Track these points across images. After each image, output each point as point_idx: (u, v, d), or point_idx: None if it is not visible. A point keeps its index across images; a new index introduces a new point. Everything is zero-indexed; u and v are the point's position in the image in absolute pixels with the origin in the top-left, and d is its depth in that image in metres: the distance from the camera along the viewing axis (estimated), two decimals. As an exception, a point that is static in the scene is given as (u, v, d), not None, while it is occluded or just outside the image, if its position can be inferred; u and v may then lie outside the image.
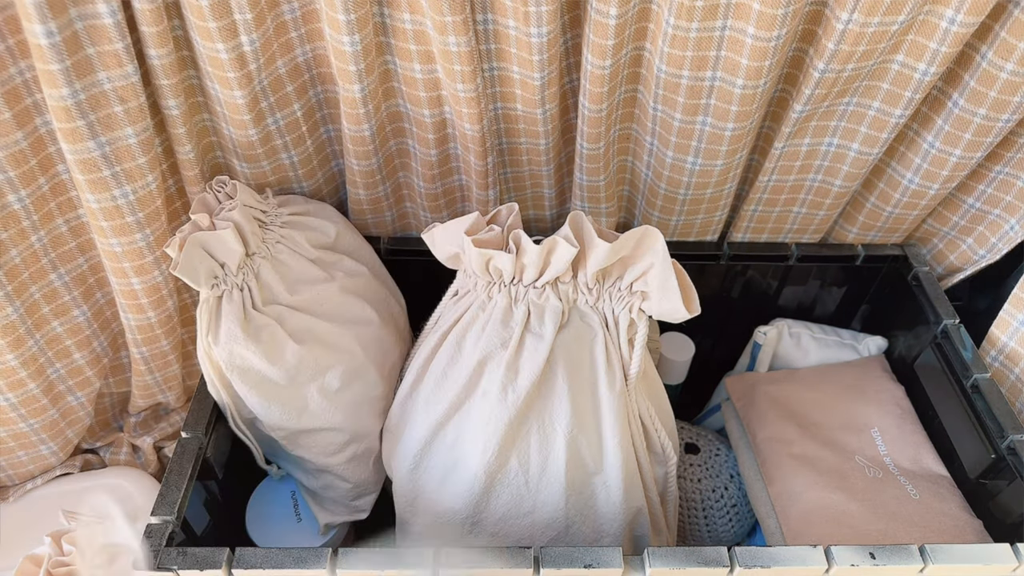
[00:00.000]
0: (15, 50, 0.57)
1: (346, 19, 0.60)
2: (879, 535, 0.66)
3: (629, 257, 0.61)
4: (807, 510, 0.69)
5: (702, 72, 0.66)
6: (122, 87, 0.58)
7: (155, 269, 0.68)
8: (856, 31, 0.60)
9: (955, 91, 0.68)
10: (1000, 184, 0.77)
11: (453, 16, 0.60)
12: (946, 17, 0.60)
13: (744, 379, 0.86)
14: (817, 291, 0.90)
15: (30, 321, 0.68)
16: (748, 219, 0.84)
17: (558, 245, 0.59)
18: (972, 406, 0.71)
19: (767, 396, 0.81)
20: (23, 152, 0.61)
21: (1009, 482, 0.66)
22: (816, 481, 0.70)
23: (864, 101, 0.70)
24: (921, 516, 0.68)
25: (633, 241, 0.59)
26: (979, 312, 0.82)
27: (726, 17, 0.61)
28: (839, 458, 0.73)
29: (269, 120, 0.68)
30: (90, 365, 0.75)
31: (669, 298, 0.59)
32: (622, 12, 0.61)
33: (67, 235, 0.68)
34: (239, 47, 0.61)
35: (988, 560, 0.55)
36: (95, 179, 0.61)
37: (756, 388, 0.83)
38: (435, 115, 0.71)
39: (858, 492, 0.70)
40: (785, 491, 0.71)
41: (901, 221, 0.82)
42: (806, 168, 0.78)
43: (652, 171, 0.78)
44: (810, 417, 0.78)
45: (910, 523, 0.67)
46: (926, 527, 0.67)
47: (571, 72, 0.71)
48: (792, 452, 0.74)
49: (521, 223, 0.63)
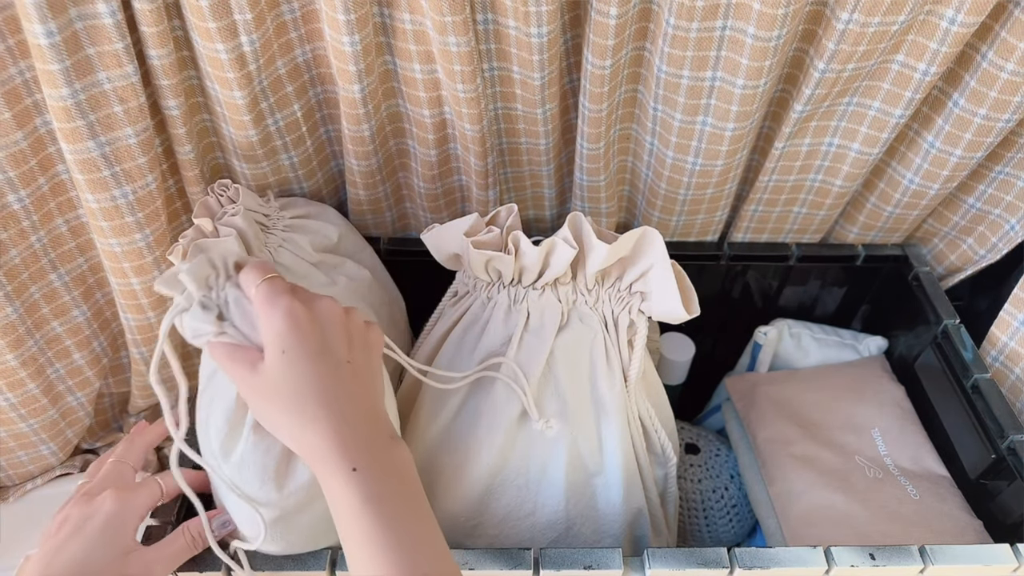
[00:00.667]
0: (15, 50, 0.57)
1: (346, 19, 0.60)
2: (880, 536, 0.66)
3: (628, 258, 0.61)
4: (807, 511, 0.69)
5: (702, 72, 0.66)
6: (122, 87, 0.58)
7: (155, 269, 0.68)
8: (856, 31, 0.60)
9: (956, 91, 0.68)
10: (1000, 184, 0.77)
11: (453, 16, 0.60)
12: (946, 17, 0.60)
13: (744, 379, 0.86)
14: (817, 291, 0.90)
15: (30, 321, 0.68)
16: (749, 219, 0.83)
17: (556, 246, 0.59)
18: (972, 406, 0.71)
19: (767, 396, 0.81)
20: (23, 152, 0.61)
21: (1009, 482, 0.66)
22: (816, 481, 0.70)
23: (864, 101, 0.70)
24: (922, 516, 0.68)
25: (632, 242, 0.59)
26: (980, 312, 0.82)
27: (726, 17, 0.61)
28: (840, 458, 0.73)
29: (269, 121, 0.68)
30: (90, 365, 0.75)
31: (668, 299, 0.59)
32: (622, 12, 0.61)
33: (67, 235, 0.68)
34: (239, 47, 0.61)
35: (988, 561, 0.56)
36: (95, 179, 0.61)
37: (756, 388, 0.83)
38: (435, 115, 0.71)
39: (859, 493, 0.70)
40: (785, 491, 0.71)
41: (902, 221, 0.81)
42: (806, 168, 0.78)
43: (652, 171, 0.77)
44: (810, 417, 0.78)
45: (910, 523, 0.67)
46: (926, 527, 0.67)
47: (571, 72, 0.71)
48: (792, 452, 0.74)
49: (520, 224, 0.63)
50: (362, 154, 0.72)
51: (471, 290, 0.66)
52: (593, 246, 0.58)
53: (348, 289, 0.70)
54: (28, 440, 0.76)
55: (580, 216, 0.60)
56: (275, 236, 0.66)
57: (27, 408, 0.72)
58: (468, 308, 0.65)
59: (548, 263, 0.60)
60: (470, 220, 0.62)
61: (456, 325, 0.66)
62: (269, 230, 0.66)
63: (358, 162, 0.73)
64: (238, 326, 0.49)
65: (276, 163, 0.71)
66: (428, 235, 0.66)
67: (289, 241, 0.67)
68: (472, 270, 0.64)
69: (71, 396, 0.76)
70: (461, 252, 0.64)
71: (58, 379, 0.74)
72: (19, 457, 0.77)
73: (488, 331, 0.63)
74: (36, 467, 0.79)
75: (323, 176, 0.77)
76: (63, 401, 0.75)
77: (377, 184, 0.76)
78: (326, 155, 0.77)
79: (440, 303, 0.69)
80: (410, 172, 0.79)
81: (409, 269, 0.80)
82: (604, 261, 0.59)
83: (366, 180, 0.75)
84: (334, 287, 0.68)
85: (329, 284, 0.68)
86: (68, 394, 0.75)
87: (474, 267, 0.63)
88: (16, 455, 0.77)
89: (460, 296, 0.67)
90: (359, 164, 0.73)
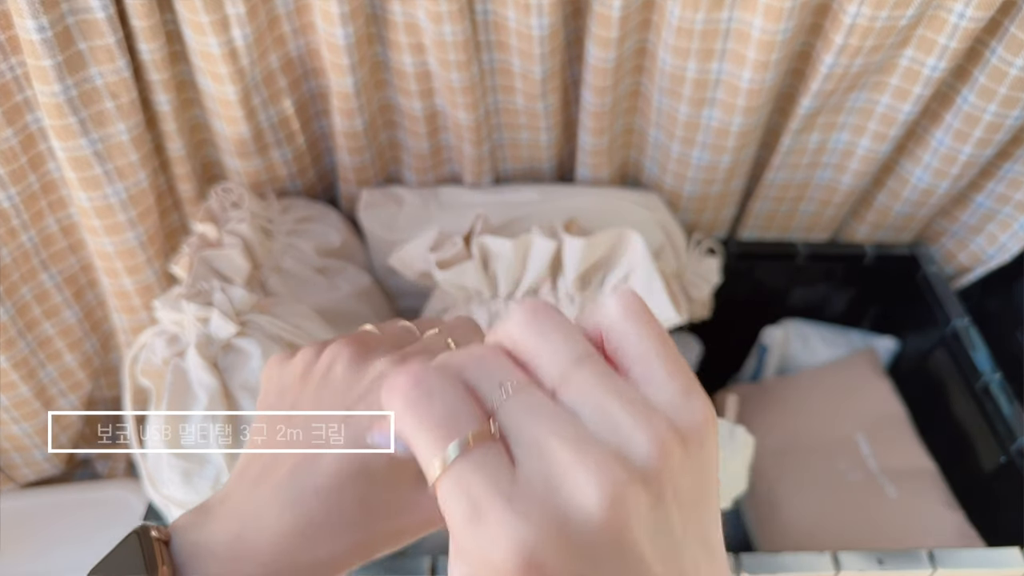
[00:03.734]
0: (5, 46, 0.57)
1: (339, 11, 0.59)
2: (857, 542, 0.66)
3: (608, 261, 0.59)
4: (790, 516, 0.70)
5: (708, 65, 0.65)
6: (114, 82, 0.58)
7: (147, 268, 0.67)
8: (864, 25, 0.60)
9: (965, 87, 0.67)
10: (1010, 182, 0.76)
11: (449, 5, 0.59)
12: (955, 12, 0.59)
13: (738, 390, 0.86)
14: (826, 291, 0.89)
15: (21, 322, 0.68)
16: (756, 216, 0.83)
17: (533, 243, 0.57)
18: (982, 407, 0.70)
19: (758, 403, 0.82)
20: (12, 149, 0.60)
21: (1019, 484, 0.66)
22: (796, 488, 0.72)
23: (873, 97, 0.69)
24: (903, 516, 0.69)
25: (608, 240, 0.58)
26: (990, 312, 0.81)
27: (732, 9, 0.61)
28: (824, 463, 0.74)
29: (262, 116, 0.68)
30: (82, 367, 0.75)
31: (655, 301, 0.58)
32: (626, 4, 0.60)
33: (58, 234, 0.68)
34: (231, 42, 0.60)
35: (996, 564, 0.56)
36: (87, 177, 0.60)
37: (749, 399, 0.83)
38: (426, 107, 0.70)
39: (840, 496, 0.71)
40: (766, 499, 0.72)
41: (911, 219, 0.81)
42: (814, 165, 0.77)
43: (657, 165, 0.77)
44: (796, 421, 0.79)
45: (890, 524, 0.69)
46: (905, 527, 0.68)
47: (573, 65, 0.70)
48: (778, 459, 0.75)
49: (490, 229, 0.61)
50: (355, 149, 0.71)
51: (450, 307, 0.64)
52: (566, 242, 0.57)
53: (350, 294, 0.69)
54: (21, 443, 0.75)
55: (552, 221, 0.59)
56: (279, 242, 0.65)
57: (20, 411, 0.72)
58: (447, 326, 0.64)
59: (526, 265, 0.58)
60: (432, 235, 0.60)
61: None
62: (273, 236, 0.66)
63: (351, 157, 0.72)
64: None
65: (269, 159, 0.71)
66: (395, 259, 0.64)
67: (293, 247, 0.66)
68: (441, 285, 0.62)
69: (64, 399, 0.75)
70: (427, 270, 0.61)
71: (50, 382, 0.73)
72: (13, 459, 0.77)
73: None
74: (31, 471, 0.78)
75: (316, 172, 0.77)
76: (56, 405, 0.75)
77: (370, 179, 0.76)
78: (319, 151, 0.76)
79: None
80: (401, 165, 0.78)
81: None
82: (582, 260, 0.57)
83: (359, 176, 0.74)
84: (336, 293, 0.68)
85: (332, 289, 0.68)
86: (61, 397, 0.75)
87: (442, 284, 0.61)
88: (10, 456, 0.76)
89: (438, 313, 0.66)
90: (352, 159, 0.72)
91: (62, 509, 0.77)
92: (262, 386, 0.37)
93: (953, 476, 0.73)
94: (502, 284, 0.60)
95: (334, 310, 0.67)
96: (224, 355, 0.53)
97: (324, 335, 0.58)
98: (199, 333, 0.52)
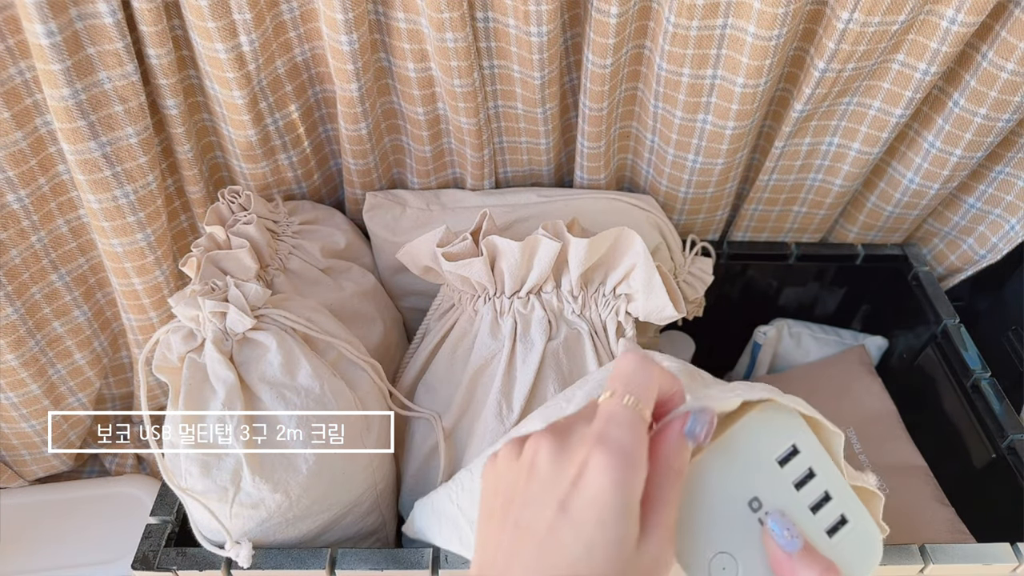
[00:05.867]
0: (15, 50, 0.58)
1: (343, 18, 0.60)
2: None
3: (608, 260, 0.60)
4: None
5: (703, 70, 0.66)
6: (122, 86, 0.58)
7: (156, 269, 0.68)
8: (857, 30, 0.60)
9: (956, 91, 0.68)
10: (1001, 184, 0.77)
11: (451, 12, 0.60)
12: (947, 17, 0.60)
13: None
14: (817, 291, 0.90)
15: (31, 322, 0.68)
16: (749, 218, 0.84)
17: (540, 243, 0.58)
18: (972, 405, 0.71)
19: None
20: (22, 152, 0.61)
21: (1009, 481, 0.66)
22: None
23: (865, 101, 0.70)
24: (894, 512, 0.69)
25: (609, 240, 0.59)
26: (980, 312, 0.82)
27: (727, 15, 0.61)
28: None
29: (268, 120, 0.68)
30: (90, 365, 0.75)
31: (655, 297, 0.59)
32: (623, 10, 0.61)
33: (68, 235, 0.68)
34: (238, 47, 0.61)
35: (988, 559, 0.56)
36: (96, 179, 0.61)
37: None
38: (429, 112, 0.71)
39: None
40: None
41: (902, 221, 0.81)
42: (807, 168, 0.78)
43: (654, 169, 0.77)
44: None
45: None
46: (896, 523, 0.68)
47: (571, 71, 0.71)
48: None
49: (496, 229, 0.62)
50: (359, 153, 0.72)
51: (456, 304, 0.65)
52: (571, 242, 0.58)
53: (355, 294, 0.70)
54: (31, 440, 0.76)
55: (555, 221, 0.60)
56: (285, 243, 0.66)
57: (29, 408, 0.72)
58: (455, 322, 0.65)
59: (531, 265, 0.60)
60: (440, 231, 0.61)
61: (445, 340, 0.65)
62: (279, 237, 0.66)
63: (355, 161, 0.73)
64: None
65: (275, 163, 0.72)
66: (403, 253, 0.65)
67: (299, 248, 0.67)
68: (448, 281, 0.63)
69: (73, 397, 0.76)
70: (434, 265, 0.62)
71: (59, 380, 0.74)
72: (22, 456, 0.77)
73: (476, 346, 0.63)
74: (40, 468, 0.79)
75: (321, 175, 0.77)
76: (65, 403, 0.75)
77: (374, 183, 0.76)
78: (324, 155, 0.77)
79: (425, 319, 0.68)
80: (404, 168, 0.79)
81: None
82: (585, 260, 0.58)
83: (363, 179, 0.75)
84: (341, 292, 0.68)
85: (337, 290, 0.68)
86: (70, 395, 0.75)
87: (448, 278, 0.62)
88: (19, 453, 0.77)
89: (445, 311, 0.67)
90: (356, 163, 0.73)
91: (71, 505, 0.77)
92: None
93: (943, 473, 0.73)
94: (508, 282, 0.61)
95: (339, 309, 0.67)
96: (239, 349, 0.54)
97: (334, 329, 0.60)
98: (215, 328, 0.53)
